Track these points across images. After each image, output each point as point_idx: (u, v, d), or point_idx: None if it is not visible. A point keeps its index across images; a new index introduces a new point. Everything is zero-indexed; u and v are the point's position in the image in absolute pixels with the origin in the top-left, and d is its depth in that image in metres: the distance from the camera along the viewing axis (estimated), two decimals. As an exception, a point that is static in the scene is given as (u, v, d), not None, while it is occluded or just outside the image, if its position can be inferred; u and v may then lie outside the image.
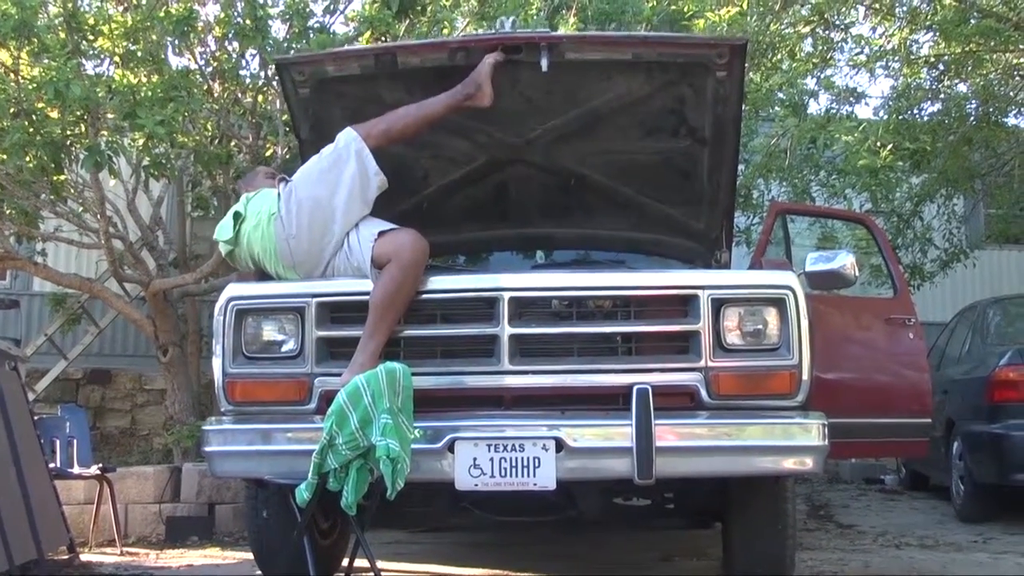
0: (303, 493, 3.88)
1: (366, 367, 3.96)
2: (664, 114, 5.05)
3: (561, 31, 12.25)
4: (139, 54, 7.70)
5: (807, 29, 10.74)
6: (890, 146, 8.60)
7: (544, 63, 4.51)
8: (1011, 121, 11.73)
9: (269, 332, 4.26)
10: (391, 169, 4.52)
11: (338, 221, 4.34)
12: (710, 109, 4.88)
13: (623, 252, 5.95)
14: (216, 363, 4.24)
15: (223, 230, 4.59)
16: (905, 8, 10.74)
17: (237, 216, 4.55)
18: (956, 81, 11.32)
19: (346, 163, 4.36)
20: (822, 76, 11.36)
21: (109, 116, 7.39)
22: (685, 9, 11.27)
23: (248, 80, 8.20)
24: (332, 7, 8.32)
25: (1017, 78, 11.12)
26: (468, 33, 9.11)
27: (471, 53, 4.56)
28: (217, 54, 8.08)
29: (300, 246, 4.35)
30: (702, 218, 5.61)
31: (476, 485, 3.96)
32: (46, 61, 7.29)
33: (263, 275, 4.53)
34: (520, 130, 5.12)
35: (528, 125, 5.09)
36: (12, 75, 7.38)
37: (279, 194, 4.45)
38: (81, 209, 8.29)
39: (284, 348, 4.23)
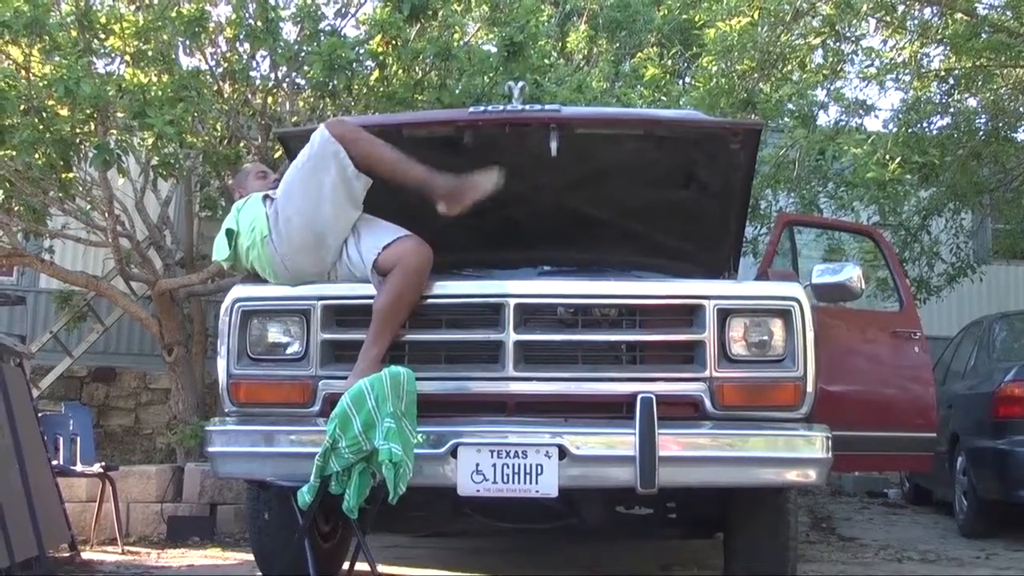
0: (305, 496, 3.88)
1: (367, 373, 3.96)
2: (675, 171, 5.07)
3: (571, 35, 12.28)
4: (150, 54, 7.72)
5: (818, 41, 10.74)
6: (898, 159, 8.59)
7: (553, 147, 4.50)
8: (1020, 136, 11.73)
9: (274, 334, 4.26)
10: (392, 197, 4.50)
11: (331, 232, 4.28)
12: (721, 171, 4.91)
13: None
14: (221, 364, 4.24)
15: (220, 250, 4.49)
16: (916, 22, 10.74)
17: (230, 233, 4.45)
18: (966, 95, 11.32)
19: (325, 170, 4.24)
20: (832, 88, 11.37)
21: (119, 115, 7.40)
22: (696, 19, 11.29)
23: (258, 81, 8.22)
24: (343, 10, 8.33)
25: (1027, 93, 11.12)
26: (479, 39, 9.14)
27: (479, 131, 4.57)
28: (228, 55, 8.09)
29: (297, 265, 4.30)
30: (709, 251, 5.63)
31: (478, 491, 3.96)
32: (57, 59, 7.31)
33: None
34: (528, 179, 5.12)
35: (536, 176, 5.07)
36: (23, 72, 7.40)
37: (267, 215, 4.35)
38: (89, 207, 8.31)
39: (289, 350, 4.24)
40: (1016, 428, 7.35)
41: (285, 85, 8.18)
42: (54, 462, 6.39)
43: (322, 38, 7.73)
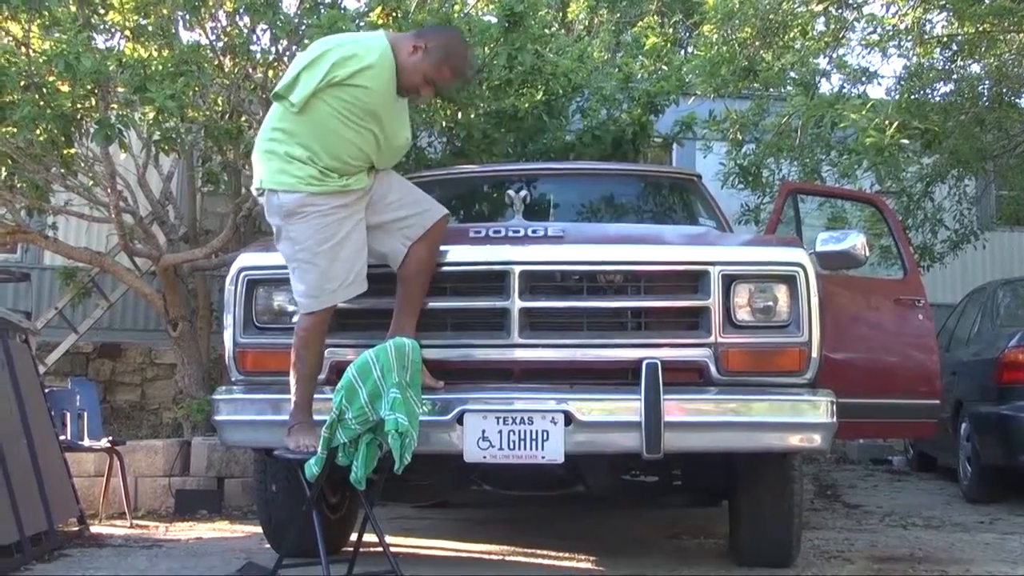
0: (312, 468, 3.89)
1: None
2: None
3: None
4: (150, 28, 7.68)
5: (820, 8, 10.68)
6: (897, 124, 8.54)
7: None
8: (1024, 102, 11.68)
9: (280, 302, 4.28)
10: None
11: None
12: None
13: None
14: (227, 333, 4.27)
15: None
16: (919, -13, 10.67)
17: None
18: (969, 61, 11.24)
19: None
20: (834, 56, 11.31)
21: (119, 90, 7.37)
22: (697, -13, 11.24)
23: (259, 55, 8.17)
24: (343, -18, 8.27)
25: (1030, 59, 11.06)
26: (479, 9, 9.09)
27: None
28: (228, 29, 8.04)
29: None
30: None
31: (484, 457, 3.98)
32: (57, 34, 7.27)
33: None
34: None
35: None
36: (23, 48, 7.37)
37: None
38: (91, 183, 8.28)
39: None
40: (1020, 394, 7.38)
41: (286, 59, 8.13)
42: (61, 437, 6.41)
43: (322, 11, 7.68)
